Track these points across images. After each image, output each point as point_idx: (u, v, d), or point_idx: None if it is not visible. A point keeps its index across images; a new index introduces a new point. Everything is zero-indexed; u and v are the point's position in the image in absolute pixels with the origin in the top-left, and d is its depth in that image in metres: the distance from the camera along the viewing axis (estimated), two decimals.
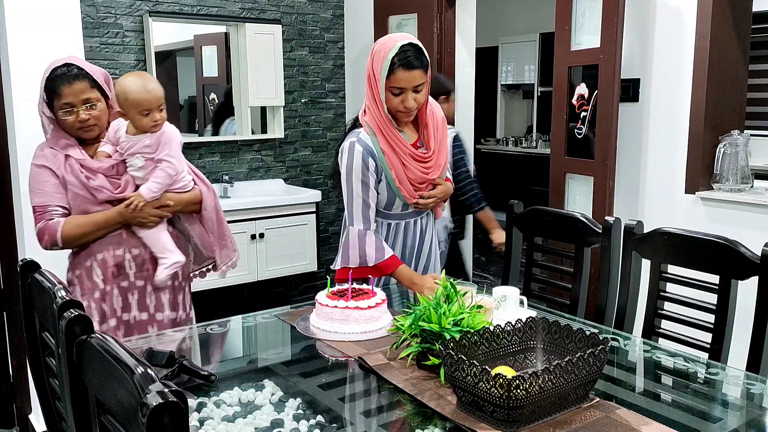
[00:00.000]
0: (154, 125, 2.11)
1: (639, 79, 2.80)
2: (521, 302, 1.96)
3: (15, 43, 2.64)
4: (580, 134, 2.87)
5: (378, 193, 2.18)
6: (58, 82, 2.04)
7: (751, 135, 2.69)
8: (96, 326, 2.07)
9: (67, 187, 2.09)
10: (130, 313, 2.18)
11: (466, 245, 4.10)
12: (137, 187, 2.15)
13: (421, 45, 2.10)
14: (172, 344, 1.88)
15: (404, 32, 2.29)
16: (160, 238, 2.19)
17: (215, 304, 3.98)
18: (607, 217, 2.15)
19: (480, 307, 1.60)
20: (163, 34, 3.78)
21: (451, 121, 3.37)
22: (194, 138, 3.97)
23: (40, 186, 2.08)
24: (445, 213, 3.95)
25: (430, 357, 1.52)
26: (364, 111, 2.20)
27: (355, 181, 2.14)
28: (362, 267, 2.16)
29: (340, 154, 2.19)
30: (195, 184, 2.26)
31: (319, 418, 1.38)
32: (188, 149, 3.82)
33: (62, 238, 2.07)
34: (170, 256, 2.19)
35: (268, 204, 3.75)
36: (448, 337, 1.46)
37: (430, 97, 2.22)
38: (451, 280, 1.69)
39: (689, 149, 2.66)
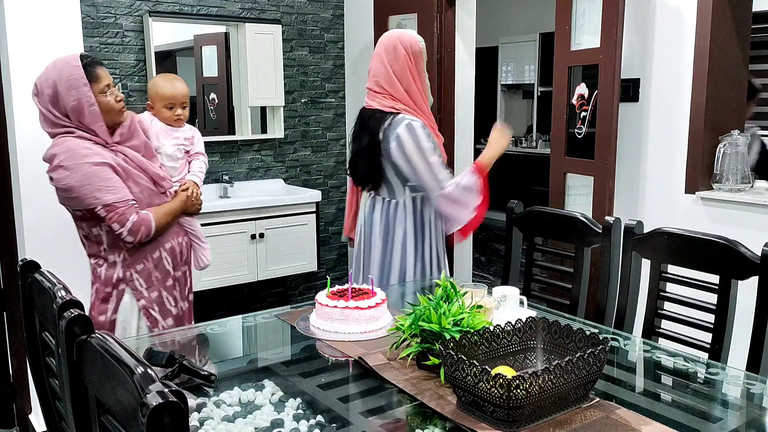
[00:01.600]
0: (176, 119, 2.32)
1: (639, 79, 2.80)
2: (521, 302, 1.96)
3: (15, 43, 2.64)
4: (580, 134, 2.87)
5: None
6: (93, 65, 2.04)
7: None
8: (172, 311, 2.21)
9: (129, 181, 2.08)
10: (191, 294, 2.34)
11: (467, 245, 4.10)
12: None
13: None
14: (173, 344, 1.88)
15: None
16: (198, 225, 2.36)
17: (215, 304, 3.98)
18: (607, 217, 2.15)
19: (480, 307, 1.60)
20: (163, 34, 3.78)
21: None
22: None
23: (108, 183, 2.03)
24: None
25: (430, 357, 1.52)
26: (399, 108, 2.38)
27: (428, 152, 2.31)
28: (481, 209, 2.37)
29: (395, 140, 2.30)
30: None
31: (319, 418, 1.38)
32: None
33: (156, 229, 2.12)
34: (206, 241, 2.39)
35: (268, 204, 3.75)
36: (448, 337, 1.46)
37: None
38: (452, 280, 1.69)
39: (689, 149, 2.66)
